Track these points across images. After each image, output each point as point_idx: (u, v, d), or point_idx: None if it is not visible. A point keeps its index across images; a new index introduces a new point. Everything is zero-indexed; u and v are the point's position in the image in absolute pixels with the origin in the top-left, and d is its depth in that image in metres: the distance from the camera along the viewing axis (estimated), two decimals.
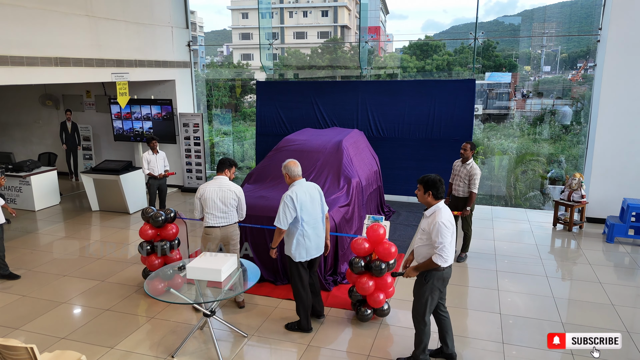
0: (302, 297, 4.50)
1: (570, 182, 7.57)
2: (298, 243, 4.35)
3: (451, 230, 3.65)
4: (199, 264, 4.24)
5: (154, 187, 7.79)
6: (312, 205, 4.36)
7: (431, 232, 3.65)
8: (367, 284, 4.63)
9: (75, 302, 5.34)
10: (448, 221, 3.64)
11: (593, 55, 8.33)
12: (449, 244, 3.62)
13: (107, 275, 5.99)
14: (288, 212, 4.23)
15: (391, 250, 4.61)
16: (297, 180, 4.37)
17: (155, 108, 9.80)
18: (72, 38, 7.52)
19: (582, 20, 27.73)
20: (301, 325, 4.61)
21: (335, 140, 7.16)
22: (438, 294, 3.85)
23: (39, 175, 8.93)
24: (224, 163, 4.89)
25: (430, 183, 3.68)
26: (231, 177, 4.91)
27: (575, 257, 6.71)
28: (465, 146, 6.28)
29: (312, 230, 4.39)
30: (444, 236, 3.59)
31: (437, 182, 3.68)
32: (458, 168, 6.36)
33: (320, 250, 4.55)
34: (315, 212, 4.40)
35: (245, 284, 4.43)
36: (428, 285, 3.79)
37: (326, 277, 5.58)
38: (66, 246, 7.09)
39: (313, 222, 4.39)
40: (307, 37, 36.49)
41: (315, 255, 4.51)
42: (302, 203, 4.28)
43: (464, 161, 6.29)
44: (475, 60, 22.81)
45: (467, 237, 6.37)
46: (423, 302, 3.85)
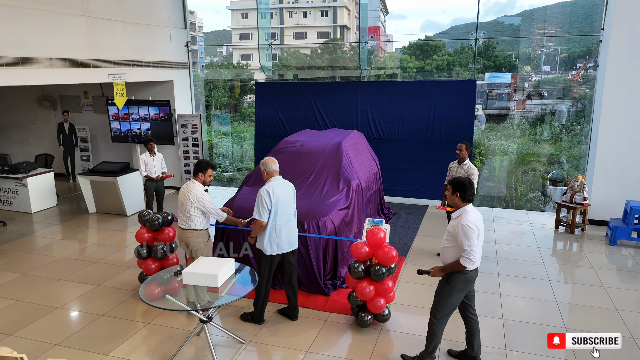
0: (262, 291, 4.67)
1: (572, 184, 7.49)
2: (270, 237, 4.51)
3: (476, 232, 3.65)
4: (195, 269, 4.16)
5: (152, 190, 7.70)
6: (286, 201, 4.55)
7: (456, 235, 3.67)
8: (367, 289, 4.55)
9: (70, 307, 5.25)
10: (473, 223, 3.63)
11: (592, 56, 8.26)
12: (475, 246, 3.64)
13: (103, 279, 5.91)
14: (265, 205, 4.42)
15: (391, 254, 4.53)
16: (274, 176, 4.56)
17: (153, 109, 9.71)
18: (68, 38, 7.44)
19: (582, 20, 27.69)
20: (254, 317, 4.79)
21: (335, 142, 7.08)
22: (460, 296, 3.87)
23: (36, 177, 8.84)
24: (198, 166, 4.85)
25: (459, 185, 3.73)
26: (207, 181, 4.87)
27: (577, 260, 6.63)
28: (460, 146, 6.23)
29: (285, 225, 4.55)
30: (470, 238, 3.61)
31: (466, 184, 3.72)
32: (455, 169, 6.31)
33: (292, 245, 4.67)
34: (289, 208, 4.59)
35: (242, 289, 4.35)
36: (449, 286, 3.82)
37: (325, 282, 5.50)
38: (62, 249, 7.00)
39: (286, 218, 4.55)
40: (306, 38, 36.41)
41: (287, 249, 4.63)
42: (278, 197, 4.46)
43: (461, 162, 6.24)
44: (476, 61, 22.76)
45: None
46: (441, 303, 3.88)
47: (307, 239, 5.38)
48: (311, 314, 5.04)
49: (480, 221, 3.74)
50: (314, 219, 5.45)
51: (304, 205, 5.74)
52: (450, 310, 3.91)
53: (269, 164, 4.60)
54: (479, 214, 3.77)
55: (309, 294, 5.43)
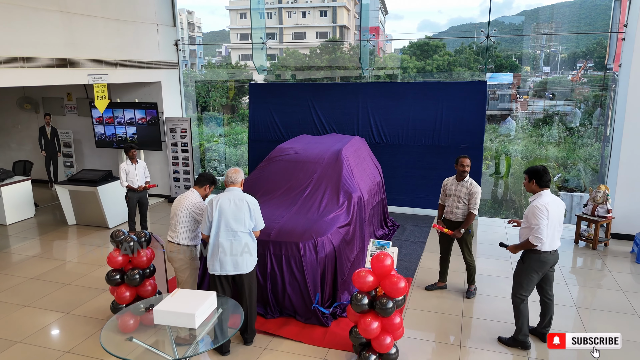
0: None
1: (594, 194, 6.84)
2: (213, 253, 4.19)
3: (545, 213, 3.94)
4: (169, 306, 3.50)
5: (134, 201, 7.03)
6: (234, 216, 4.13)
7: (528, 215, 4.05)
8: (371, 325, 3.89)
9: (32, 341, 4.58)
10: (543, 205, 3.95)
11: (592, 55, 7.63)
12: (544, 226, 3.94)
13: (73, 306, 5.24)
14: (206, 216, 4.18)
15: (400, 285, 3.88)
16: (230, 187, 4.26)
17: (140, 112, 9.06)
18: (42, 36, 6.78)
19: (582, 20, 27.20)
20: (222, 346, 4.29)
21: (334, 149, 6.43)
22: (536, 276, 4.15)
23: (11, 186, 8.18)
24: (202, 179, 4.69)
25: (535, 172, 4.07)
26: (205, 196, 4.65)
27: (603, 280, 5.97)
28: (464, 161, 5.23)
29: (228, 243, 4.14)
30: (539, 218, 3.94)
31: (541, 170, 4.06)
32: (453, 187, 5.30)
33: (238, 269, 4.18)
34: (236, 224, 4.14)
35: (226, 326, 3.70)
36: (524, 266, 4.15)
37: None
38: (33, 268, 6.34)
39: (230, 235, 4.13)
40: (305, 38, 35.84)
41: (232, 272, 4.18)
42: (222, 210, 4.12)
43: (460, 179, 5.30)
44: (477, 61, 22.04)
45: (471, 268, 5.43)
46: (518, 282, 4.22)
47: (302, 261, 4.74)
48: (307, 350, 4.39)
49: (554, 205, 4.02)
50: (310, 239, 4.80)
51: (299, 223, 5.09)
52: (529, 289, 4.19)
53: (228, 174, 4.31)
54: (555, 199, 4.06)
55: (305, 324, 4.78)
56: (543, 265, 4.10)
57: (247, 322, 4.37)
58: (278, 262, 4.81)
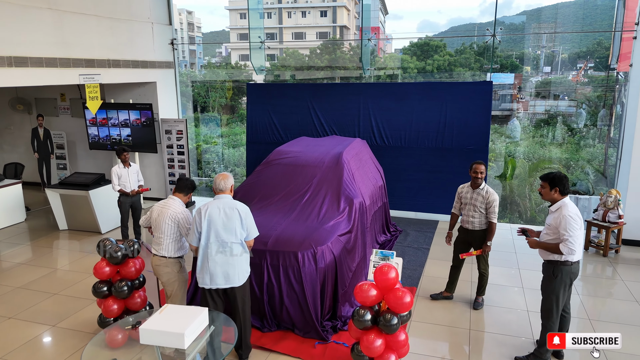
0: None
1: (605, 199, 6.58)
2: (202, 266, 3.92)
3: (579, 223, 3.78)
4: (156, 325, 3.24)
5: (126, 206, 6.76)
6: (224, 226, 3.86)
7: (558, 226, 3.80)
8: (374, 343, 3.63)
9: (15, 356, 4.33)
10: (575, 214, 3.78)
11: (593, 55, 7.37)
12: (577, 237, 3.76)
13: (60, 318, 4.98)
14: (194, 226, 3.91)
15: (405, 300, 3.61)
16: (219, 194, 3.98)
17: (134, 113, 8.79)
18: (30, 34, 6.52)
19: (583, 20, 26.93)
20: None
21: (335, 153, 6.17)
22: (569, 289, 3.98)
23: (1, 190, 7.92)
24: (183, 186, 4.40)
25: (557, 180, 3.84)
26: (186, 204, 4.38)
27: (616, 290, 5.72)
28: (479, 168, 4.91)
29: (220, 255, 3.87)
30: (573, 229, 3.74)
31: (563, 178, 3.85)
32: (468, 195, 5.03)
33: (230, 282, 3.91)
34: (226, 234, 3.87)
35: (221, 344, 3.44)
36: (557, 280, 3.91)
37: (323, 323, 4.59)
38: (21, 276, 6.08)
39: (221, 246, 3.87)
40: (305, 38, 35.58)
41: (223, 285, 3.91)
42: (211, 220, 3.85)
43: (475, 186, 5.02)
44: (477, 61, 21.72)
45: (484, 278, 5.16)
46: (553, 298, 3.96)
47: (300, 272, 4.48)
48: None
49: (579, 213, 3.85)
50: (309, 249, 4.54)
51: (297, 230, 4.84)
52: (562, 304, 3.97)
53: (216, 181, 4.03)
54: (575, 206, 3.87)
55: (304, 338, 4.52)
56: (574, 277, 3.95)
57: (242, 338, 4.11)
58: (275, 272, 4.56)
